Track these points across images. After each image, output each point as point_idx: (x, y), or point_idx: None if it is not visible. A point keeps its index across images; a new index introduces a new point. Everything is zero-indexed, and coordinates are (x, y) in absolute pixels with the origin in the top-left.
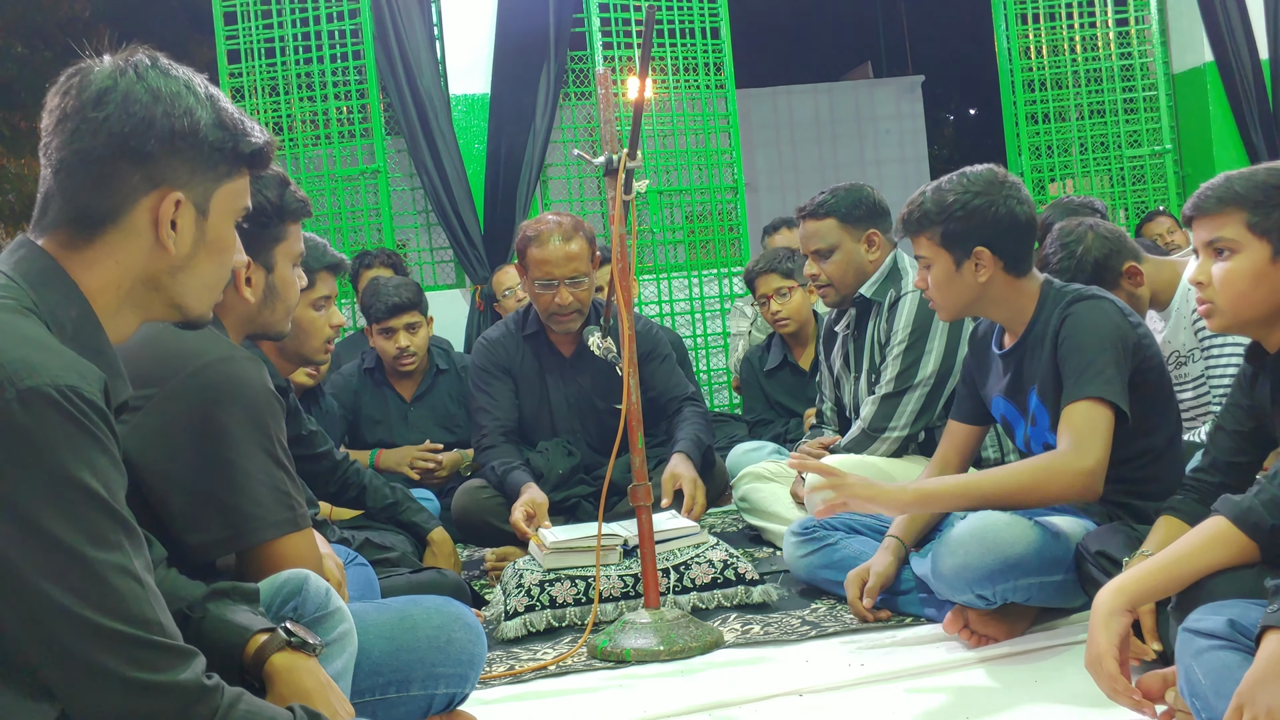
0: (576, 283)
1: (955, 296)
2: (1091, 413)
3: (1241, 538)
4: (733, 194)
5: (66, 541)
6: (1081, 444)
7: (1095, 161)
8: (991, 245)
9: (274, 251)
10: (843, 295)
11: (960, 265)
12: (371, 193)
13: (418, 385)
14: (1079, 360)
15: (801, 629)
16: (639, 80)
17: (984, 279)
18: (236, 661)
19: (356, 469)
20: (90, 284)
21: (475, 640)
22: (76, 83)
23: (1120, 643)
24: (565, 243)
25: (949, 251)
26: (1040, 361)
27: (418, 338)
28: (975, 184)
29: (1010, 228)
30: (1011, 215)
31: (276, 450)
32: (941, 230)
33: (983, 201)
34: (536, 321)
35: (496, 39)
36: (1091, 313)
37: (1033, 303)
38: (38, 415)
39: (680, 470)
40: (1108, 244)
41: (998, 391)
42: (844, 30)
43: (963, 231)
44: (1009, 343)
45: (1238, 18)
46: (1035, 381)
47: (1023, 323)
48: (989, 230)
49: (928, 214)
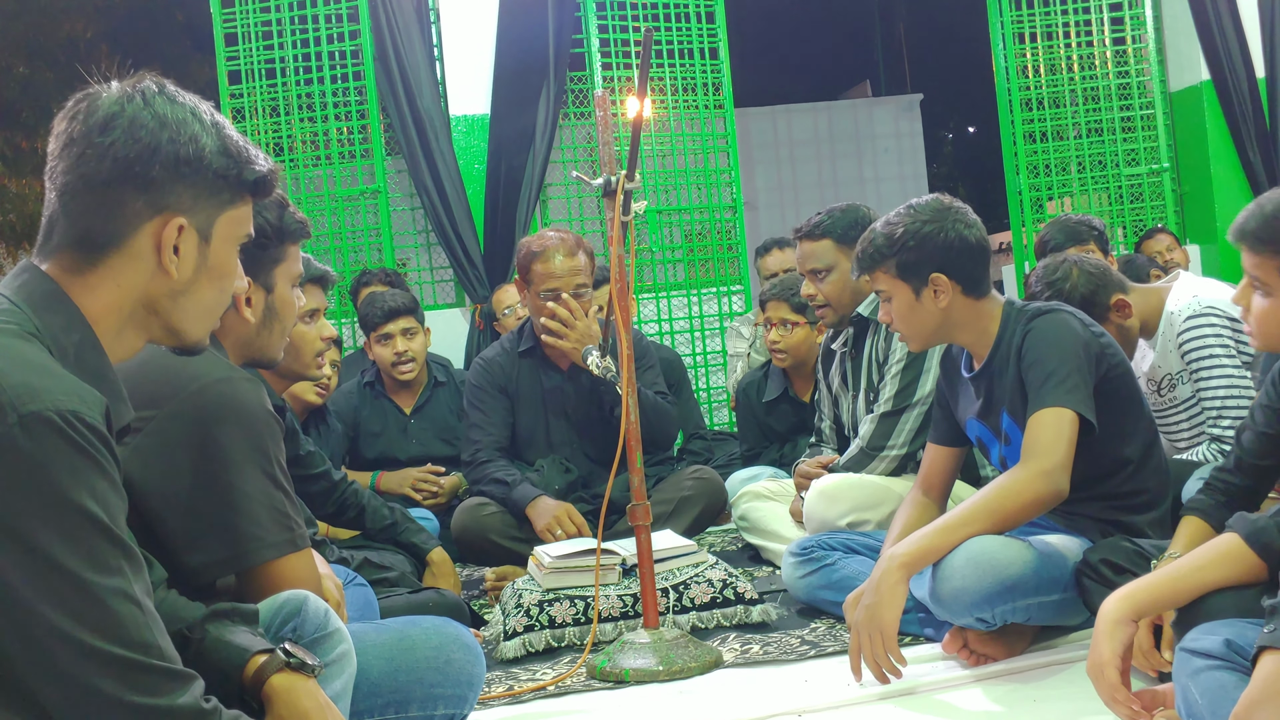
0: (579, 295)
1: (919, 325)
2: (1051, 419)
3: (1251, 556)
4: (732, 213)
5: (67, 566)
6: (1040, 450)
7: (1093, 180)
8: (947, 270)
9: (274, 272)
10: (840, 315)
11: (919, 294)
12: (372, 213)
13: (417, 397)
14: (1040, 372)
15: (801, 649)
16: (638, 100)
17: (944, 304)
18: (236, 682)
19: (355, 489)
20: (92, 308)
21: (474, 661)
22: (84, 108)
23: (1124, 652)
24: (569, 256)
25: (906, 282)
26: (1007, 381)
27: (415, 343)
28: (922, 213)
29: (962, 250)
30: (962, 238)
31: (275, 471)
32: (896, 261)
33: (932, 228)
34: (532, 337)
35: (496, 60)
36: (1052, 325)
37: (995, 324)
38: (39, 440)
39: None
40: (1093, 279)
41: (971, 414)
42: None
43: (916, 260)
44: (977, 366)
45: (1234, 37)
46: (1005, 402)
47: (987, 345)
48: (942, 255)
49: (880, 249)
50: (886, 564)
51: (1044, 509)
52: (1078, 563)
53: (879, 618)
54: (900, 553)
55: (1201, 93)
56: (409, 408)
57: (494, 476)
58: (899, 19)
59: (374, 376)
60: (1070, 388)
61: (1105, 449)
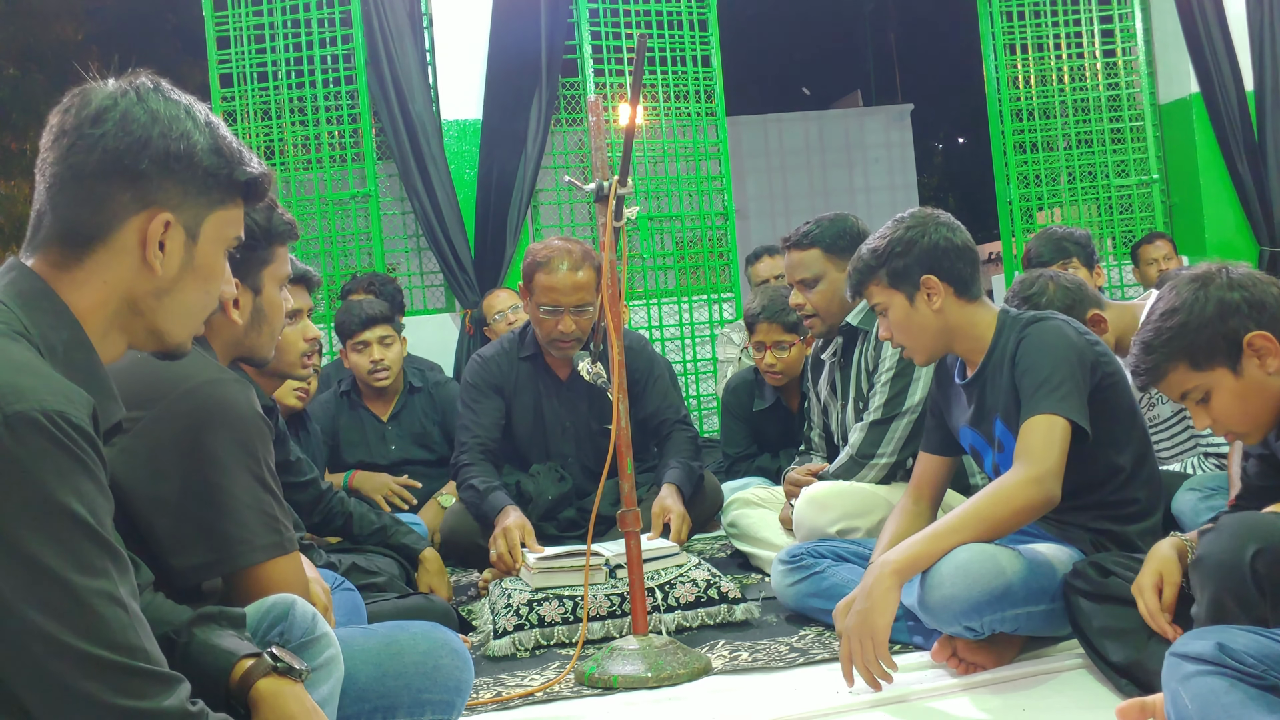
0: (581, 311)
1: (919, 333)
2: (1044, 425)
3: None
4: (723, 220)
5: (52, 567)
6: (1032, 456)
7: (1083, 191)
8: (936, 271)
9: (261, 274)
10: (829, 325)
11: (913, 299)
12: (362, 217)
13: (393, 405)
14: (1034, 379)
15: (790, 656)
16: (630, 107)
17: (938, 306)
18: (222, 686)
19: (340, 498)
20: (79, 305)
21: (462, 666)
22: (78, 101)
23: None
24: (573, 271)
25: (899, 289)
26: (1001, 387)
27: (391, 352)
28: (905, 221)
29: (948, 250)
30: (948, 240)
31: (264, 473)
32: (886, 271)
33: (916, 233)
34: (534, 344)
35: (489, 65)
36: (1046, 333)
37: (990, 331)
38: (24, 441)
39: (669, 504)
40: (1070, 294)
41: (964, 422)
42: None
43: (905, 266)
44: (970, 373)
45: (1223, 49)
46: (999, 409)
47: (981, 351)
48: (929, 258)
49: (868, 264)
50: (878, 570)
51: (1035, 515)
52: (1067, 574)
53: (870, 624)
54: (892, 559)
55: (1191, 105)
56: (385, 415)
57: (470, 483)
58: (890, 29)
59: (350, 385)
60: (1063, 395)
61: (1098, 457)
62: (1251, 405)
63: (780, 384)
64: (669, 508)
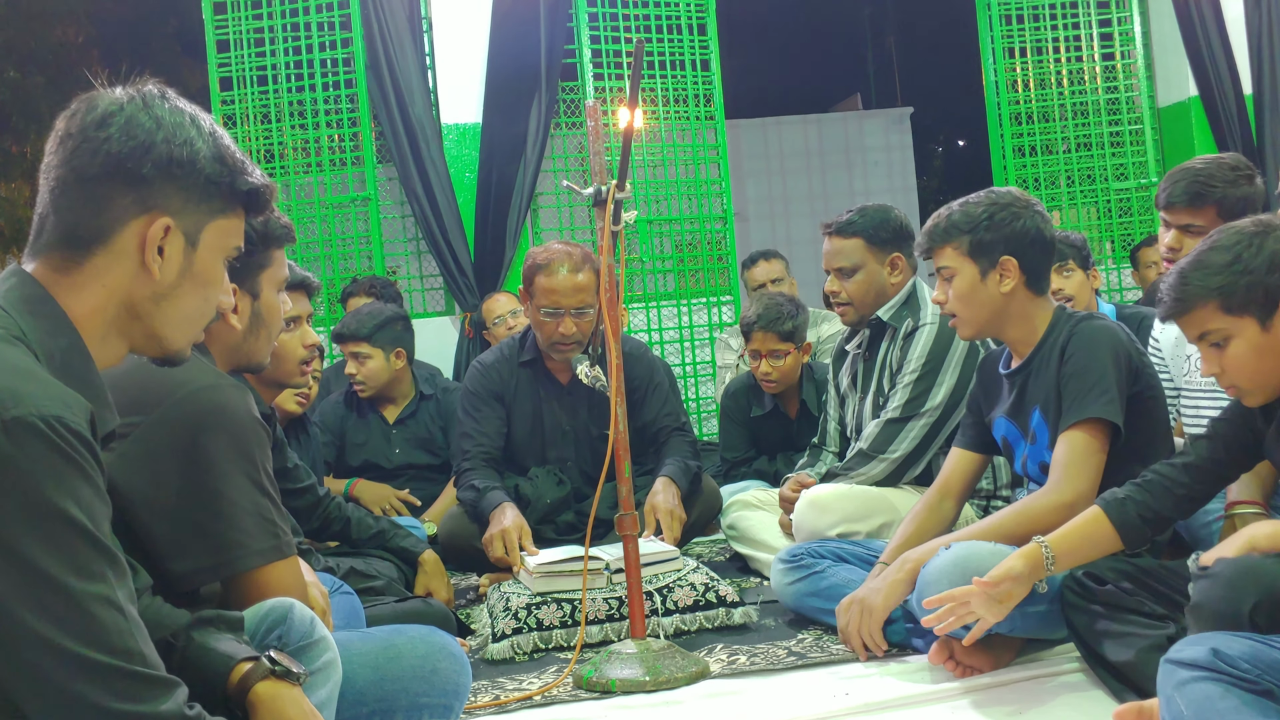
0: (581, 314)
1: (978, 308)
2: (1083, 442)
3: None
4: (722, 223)
5: (49, 572)
6: (1066, 477)
7: (1082, 194)
8: (1018, 256)
9: (259, 278)
10: (861, 315)
11: (985, 275)
12: (362, 220)
13: (401, 410)
14: (1082, 381)
15: (788, 659)
16: (629, 111)
17: (1007, 289)
18: (220, 690)
19: (338, 504)
20: (78, 310)
21: (460, 670)
22: (84, 106)
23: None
24: (574, 274)
25: (975, 261)
26: (1046, 378)
27: (364, 369)
28: (1003, 198)
29: (1036, 240)
30: (1039, 230)
31: (262, 478)
32: (970, 239)
33: (1010, 214)
34: (534, 348)
35: (488, 69)
36: (1098, 331)
37: (1044, 325)
38: (22, 445)
39: (658, 500)
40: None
41: (1001, 412)
42: (833, 62)
43: (991, 241)
44: (1016, 363)
45: (1221, 53)
46: (1039, 400)
47: (1031, 344)
48: (1016, 241)
49: (955, 224)
50: (900, 562)
51: None
52: (1064, 581)
53: (871, 601)
54: (914, 556)
55: (1189, 109)
56: (392, 419)
57: (470, 483)
58: (889, 33)
59: None
60: (1109, 399)
61: (1121, 466)
62: (1266, 363)
63: (776, 391)
64: (658, 505)
